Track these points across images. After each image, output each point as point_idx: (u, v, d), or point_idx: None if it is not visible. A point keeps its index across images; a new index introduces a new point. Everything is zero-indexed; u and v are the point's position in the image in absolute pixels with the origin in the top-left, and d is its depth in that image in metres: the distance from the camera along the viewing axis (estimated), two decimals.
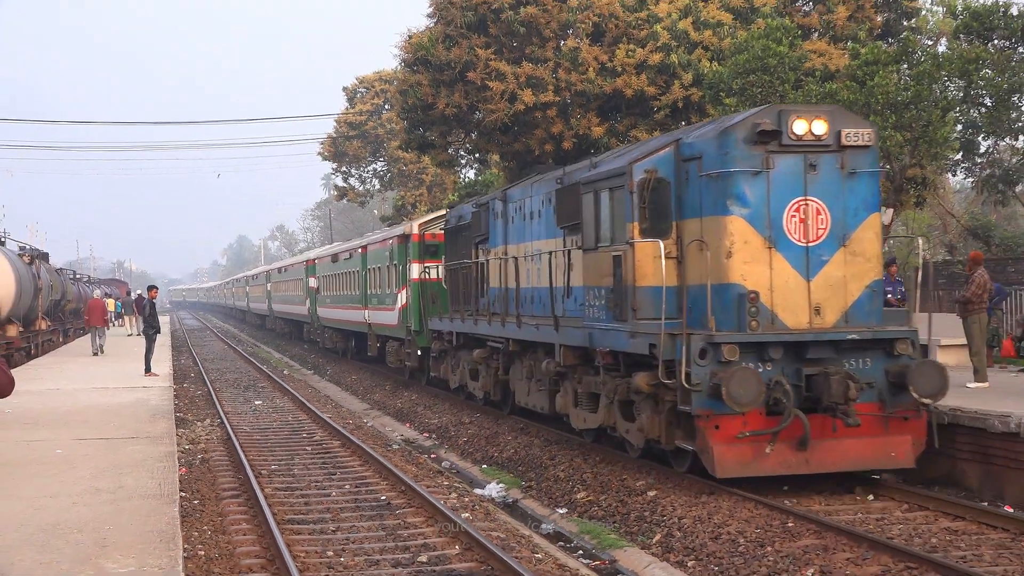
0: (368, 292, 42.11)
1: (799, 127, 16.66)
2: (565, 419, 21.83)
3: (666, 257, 16.73)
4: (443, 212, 34.77)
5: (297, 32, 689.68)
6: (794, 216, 16.76)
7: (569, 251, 20.93)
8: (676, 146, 17.97)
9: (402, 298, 35.29)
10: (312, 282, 57.12)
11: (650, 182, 17.44)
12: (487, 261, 26.90)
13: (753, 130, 16.62)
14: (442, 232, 32.77)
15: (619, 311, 17.85)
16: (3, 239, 47.86)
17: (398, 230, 37.88)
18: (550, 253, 22.12)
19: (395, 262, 36.57)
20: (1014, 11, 30.96)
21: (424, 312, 32.61)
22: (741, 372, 15.55)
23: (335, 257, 51.13)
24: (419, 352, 34.24)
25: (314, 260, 59.16)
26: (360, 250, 44.88)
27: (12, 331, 38.62)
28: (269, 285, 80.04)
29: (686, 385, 15.78)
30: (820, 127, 16.74)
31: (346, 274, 47.89)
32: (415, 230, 35.03)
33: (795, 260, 16.78)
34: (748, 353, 16.20)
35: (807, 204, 16.80)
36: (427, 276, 33.04)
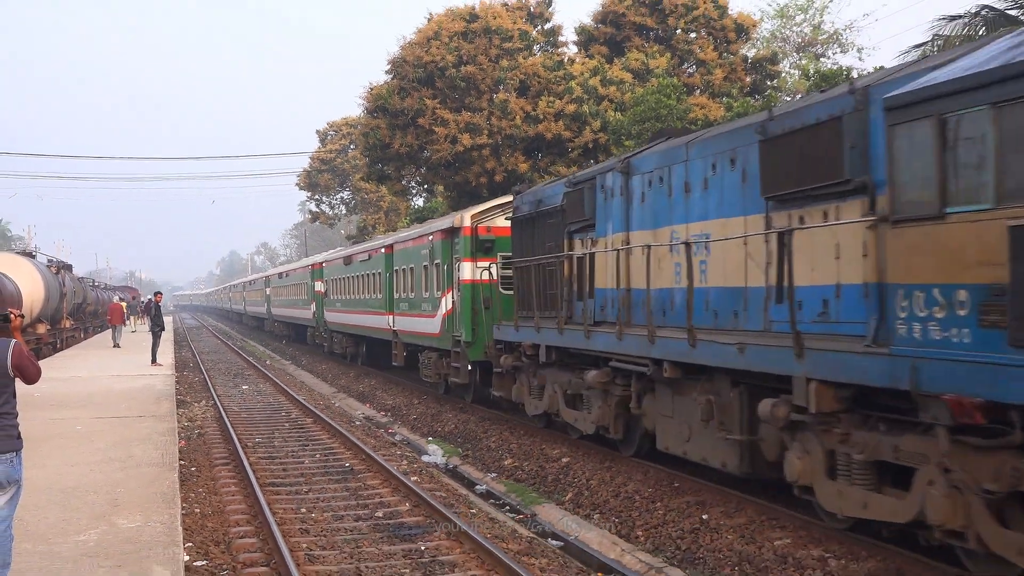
0: (395, 296, 31.24)
1: None
2: (775, 483, 12.56)
3: None
4: (504, 200, 24.54)
5: (279, 84, 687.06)
6: None
7: (786, 231, 11.20)
8: None
9: (446, 303, 24.99)
10: (319, 286, 46.70)
11: None
12: (591, 255, 17.22)
13: None
14: (503, 225, 23.33)
15: None
16: (35, 253, 47.93)
17: (441, 223, 26.96)
18: (744, 237, 12.59)
19: (436, 261, 26.37)
20: (855, 74, 31.33)
21: (477, 320, 23.34)
22: None
23: (348, 260, 39.84)
24: (469, 367, 24.01)
25: (321, 264, 47.75)
26: (383, 250, 33.17)
27: (41, 328, 38.37)
28: (268, 290, 70.09)
29: None
30: None
31: (363, 277, 36.35)
32: (466, 222, 24.55)
33: None
34: None
35: None
36: (483, 277, 23.39)
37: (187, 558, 10.60)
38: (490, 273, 22.59)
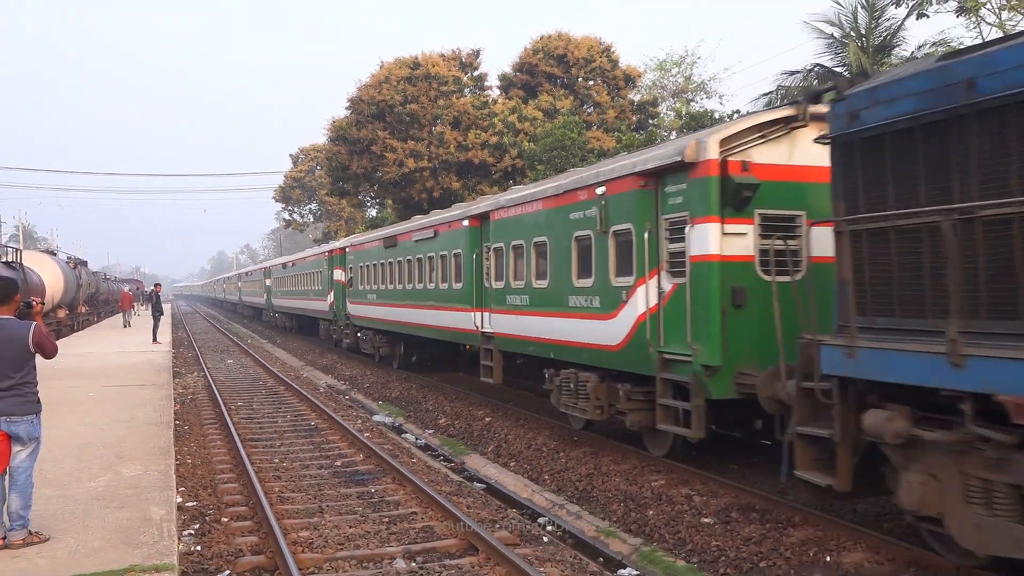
0: (490, 286, 17.45)
1: None
2: None
3: None
4: (764, 116, 10.71)
5: (260, 116, 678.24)
6: None
7: None
8: None
9: (644, 297, 11.62)
10: (339, 275, 32.88)
11: None
12: None
13: None
14: (765, 161, 10.43)
15: None
16: (56, 251, 46.97)
17: (637, 161, 12.02)
18: None
19: (620, 228, 12.29)
20: (717, 115, 31.76)
21: (726, 326, 10.32)
22: None
23: (391, 241, 25.24)
24: (703, 403, 10.61)
25: (343, 249, 32.56)
26: (466, 223, 18.85)
27: (61, 314, 37.51)
28: (269, 280, 55.25)
29: None
30: None
31: (419, 261, 22.48)
32: (710, 152, 10.35)
33: None
34: None
35: None
36: (733, 252, 10.30)
37: (179, 500, 10.40)
38: (751, 243, 10.42)
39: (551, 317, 14.53)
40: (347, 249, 31.73)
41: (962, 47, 10.21)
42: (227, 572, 8.45)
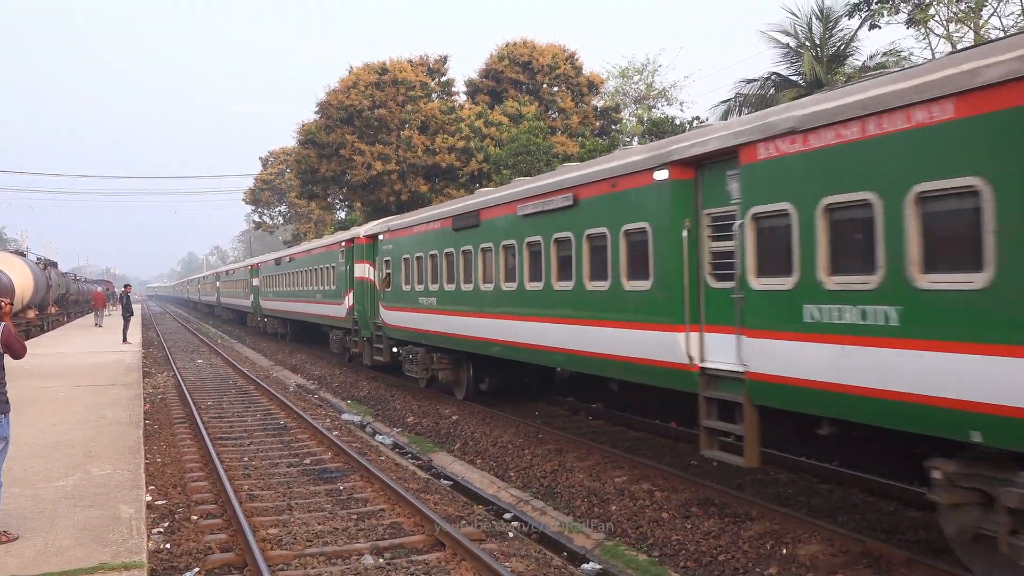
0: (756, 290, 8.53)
1: None
2: None
3: None
4: None
5: (229, 119, 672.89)
6: None
7: None
8: None
9: None
10: (362, 270, 23.90)
11: None
12: None
13: None
14: None
15: None
16: (26, 252, 46.10)
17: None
18: None
19: None
20: (678, 121, 31.97)
21: None
22: None
23: (467, 219, 16.05)
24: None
25: (375, 237, 22.95)
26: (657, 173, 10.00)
27: (31, 314, 36.92)
28: (256, 280, 45.80)
29: None
30: None
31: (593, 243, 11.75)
32: None
33: None
34: None
35: None
36: None
37: (149, 498, 10.27)
38: None
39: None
40: (380, 237, 22.47)
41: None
42: (196, 569, 8.35)
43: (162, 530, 9.53)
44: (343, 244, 26.08)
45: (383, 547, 8.91)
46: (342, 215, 55.09)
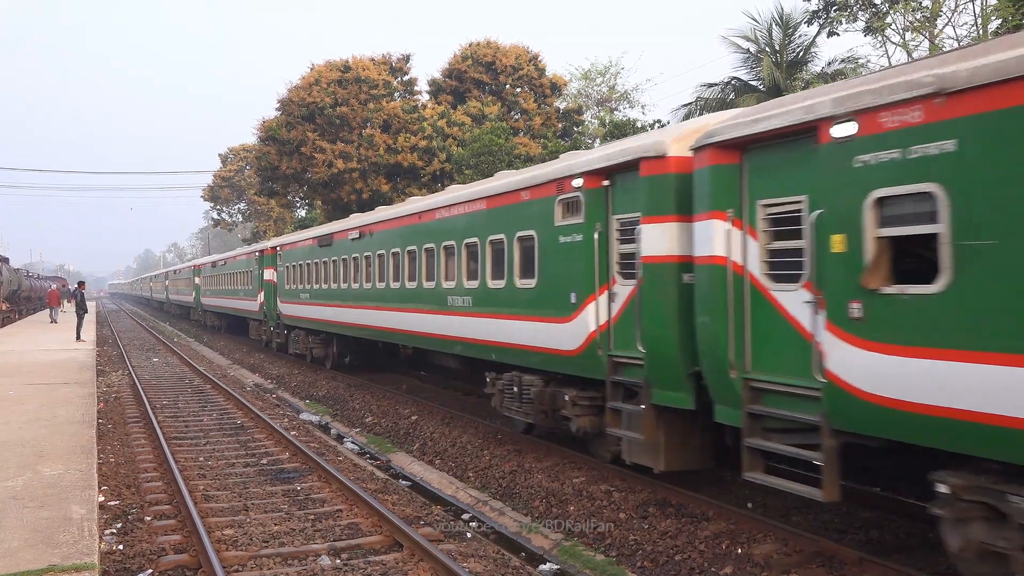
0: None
1: None
2: None
3: None
4: None
5: (188, 114, 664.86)
6: None
7: None
8: None
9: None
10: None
11: None
12: None
13: None
14: None
15: None
16: None
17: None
18: None
19: None
20: (639, 124, 32.15)
21: None
22: None
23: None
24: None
25: (275, 249, 29.46)
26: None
27: None
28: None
29: None
30: None
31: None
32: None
33: None
34: None
35: None
36: None
37: (102, 499, 10.11)
38: None
39: None
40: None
41: None
42: (149, 571, 8.24)
43: (115, 531, 9.39)
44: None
45: (340, 548, 8.86)
46: (302, 213, 54.70)
